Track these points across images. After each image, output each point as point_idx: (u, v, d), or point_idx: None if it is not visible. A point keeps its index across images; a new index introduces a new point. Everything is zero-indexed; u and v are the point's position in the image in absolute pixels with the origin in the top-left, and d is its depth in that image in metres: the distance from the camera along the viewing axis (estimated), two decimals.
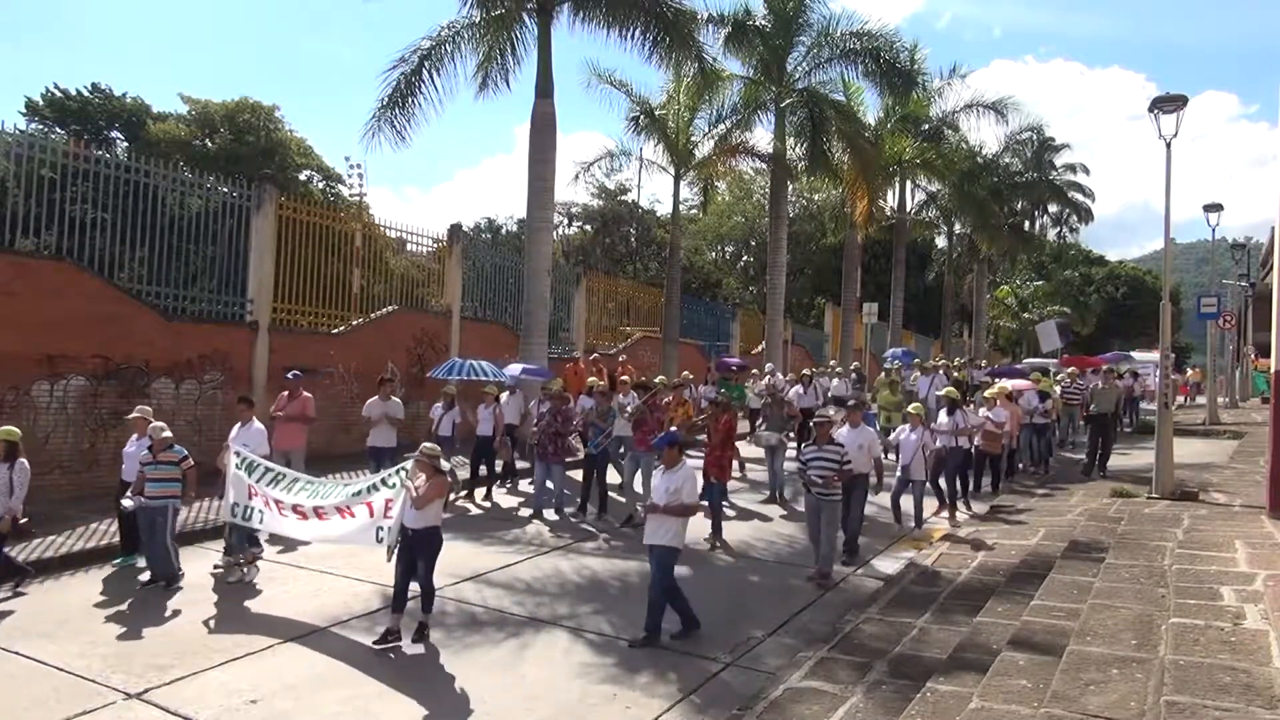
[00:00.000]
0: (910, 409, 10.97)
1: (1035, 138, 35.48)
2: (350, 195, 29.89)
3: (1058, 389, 16.61)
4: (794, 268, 35.18)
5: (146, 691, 5.63)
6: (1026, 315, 45.81)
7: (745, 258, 43.61)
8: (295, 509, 7.44)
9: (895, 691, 5.47)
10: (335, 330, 14.82)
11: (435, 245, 17.38)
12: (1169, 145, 11.93)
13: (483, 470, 12.23)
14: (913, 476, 10.36)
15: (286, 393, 10.87)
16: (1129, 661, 5.09)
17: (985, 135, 38.81)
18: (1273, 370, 10.08)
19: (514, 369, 13.58)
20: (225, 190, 13.55)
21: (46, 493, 10.00)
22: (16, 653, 6.29)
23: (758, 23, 20.96)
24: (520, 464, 13.20)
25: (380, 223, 17.37)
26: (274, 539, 8.78)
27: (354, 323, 15.18)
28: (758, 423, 15.15)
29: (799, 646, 6.60)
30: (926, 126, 28.21)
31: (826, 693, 5.55)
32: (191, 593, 7.79)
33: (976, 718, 4.63)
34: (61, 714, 5.31)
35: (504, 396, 12.61)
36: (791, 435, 13.51)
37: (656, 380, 13.31)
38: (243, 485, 7.83)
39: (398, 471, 6.89)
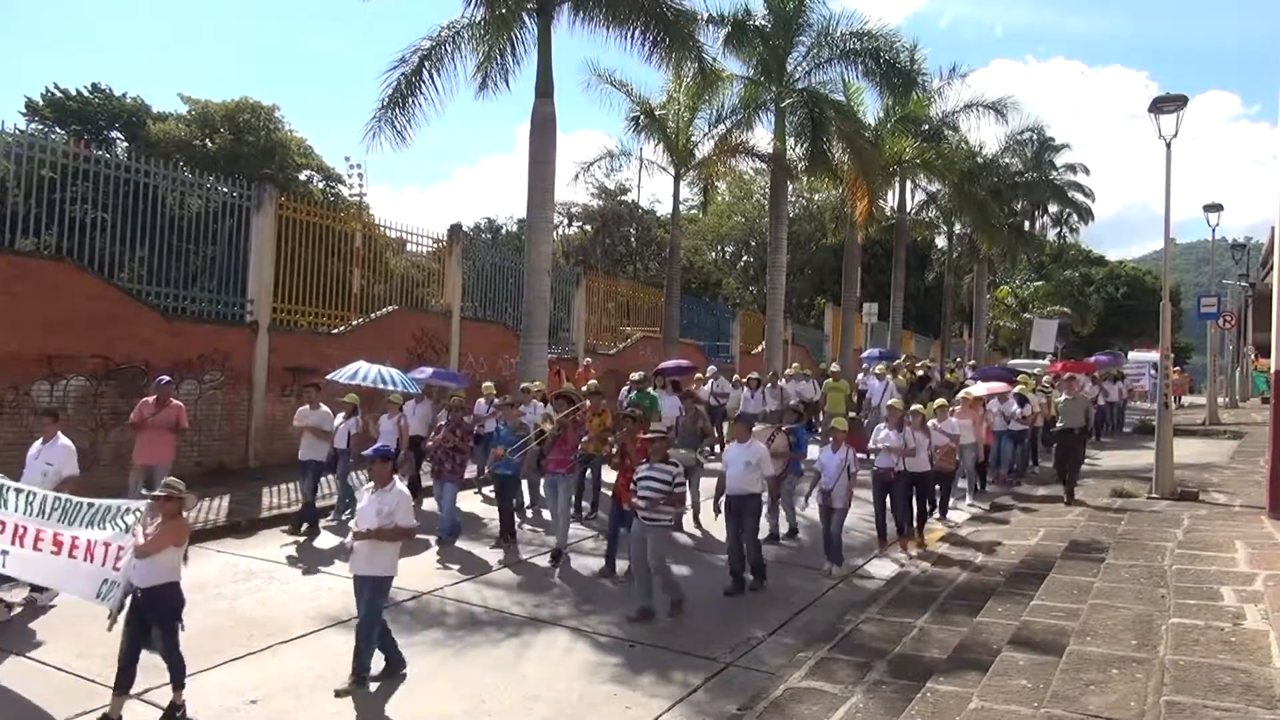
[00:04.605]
0: (834, 424, 9.53)
1: (1035, 138, 35.47)
2: (350, 195, 29.91)
3: (1033, 395, 14.66)
4: (794, 268, 35.16)
5: (146, 691, 5.63)
6: (1027, 315, 45.76)
7: (745, 258, 43.61)
8: (54, 539, 5.96)
9: (895, 691, 5.47)
10: (335, 330, 14.81)
11: (435, 245, 17.37)
12: (1169, 145, 11.94)
13: None
14: (834, 504, 8.76)
15: (153, 398, 9.36)
16: (1129, 661, 5.10)
17: (985, 135, 38.74)
18: (1273, 370, 10.08)
19: (423, 373, 12.50)
20: (225, 190, 13.54)
21: None
22: (17, 653, 6.29)
23: (758, 23, 20.94)
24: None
25: (380, 223, 17.37)
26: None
27: (354, 323, 15.17)
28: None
29: (799, 646, 6.61)
30: (926, 126, 28.16)
31: (827, 693, 5.56)
32: (191, 593, 7.73)
33: (976, 718, 4.63)
34: (62, 714, 5.32)
35: (409, 405, 11.51)
36: (711, 451, 11.18)
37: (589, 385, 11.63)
38: None
39: (132, 511, 5.69)
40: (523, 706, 5.63)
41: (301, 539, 9.70)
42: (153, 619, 5.36)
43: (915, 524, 9.90)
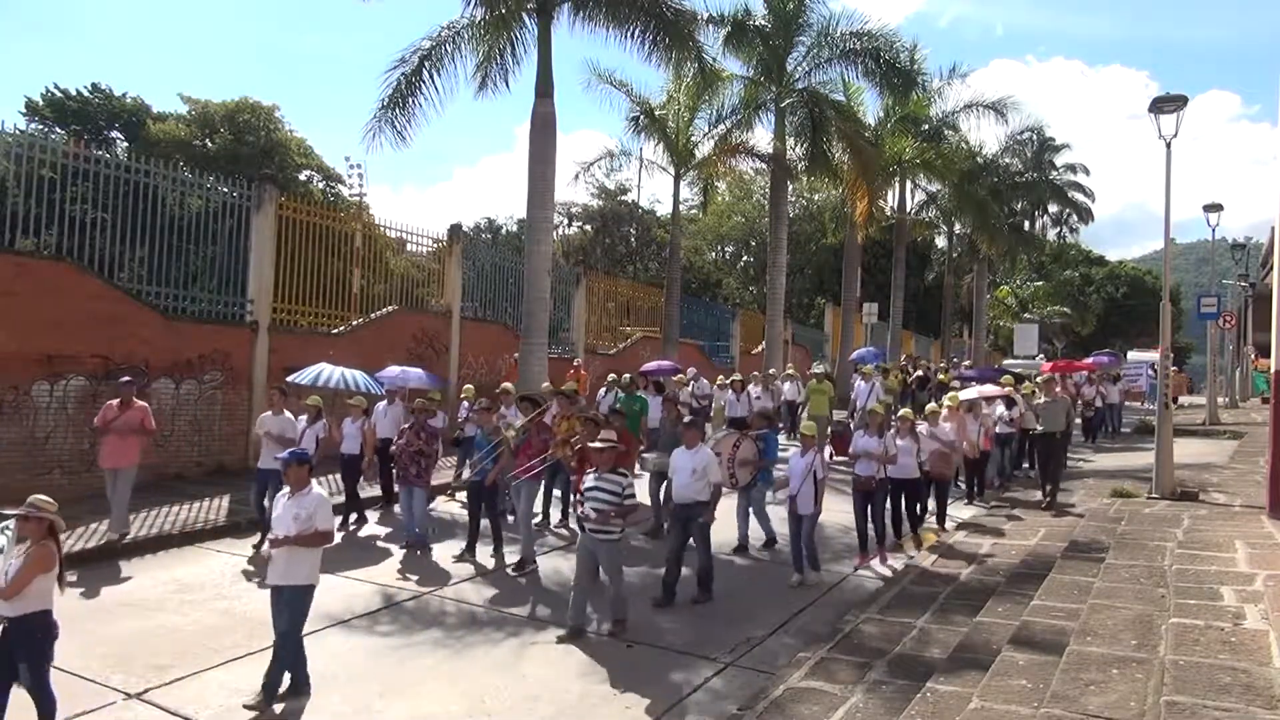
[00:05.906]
0: (803, 428, 9.19)
1: (1035, 138, 35.54)
2: (350, 195, 29.94)
3: (1019, 398, 13.63)
4: (794, 268, 35.19)
5: (146, 691, 5.63)
6: (1027, 315, 45.84)
7: (745, 258, 43.66)
8: None
9: (896, 691, 5.47)
10: (335, 330, 14.81)
11: (435, 245, 17.38)
12: (1169, 145, 11.94)
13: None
14: (800, 510, 8.26)
15: (117, 400, 9.23)
16: (1129, 661, 5.10)
17: (985, 135, 38.98)
18: (1273, 370, 10.08)
19: (391, 372, 12.10)
20: (225, 190, 13.55)
21: (47, 493, 9.95)
22: None
23: (758, 23, 21.01)
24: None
25: (380, 223, 17.37)
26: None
27: (354, 323, 15.17)
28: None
29: (799, 646, 6.61)
30: (926, 126, 28.22)
31: (827, 693, 5.55)
32: (191, 593, 7.80)
33: (976, 718, 4.63)
34: (61, 714, 5.29)
35: (380, 407, 11.22)
36: None
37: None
38: None
39: (2, 531, 5.19)
40: (523, 706, 5.63)
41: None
42: (19, 653, 4.75)
43: (912, 529, 9.76)
